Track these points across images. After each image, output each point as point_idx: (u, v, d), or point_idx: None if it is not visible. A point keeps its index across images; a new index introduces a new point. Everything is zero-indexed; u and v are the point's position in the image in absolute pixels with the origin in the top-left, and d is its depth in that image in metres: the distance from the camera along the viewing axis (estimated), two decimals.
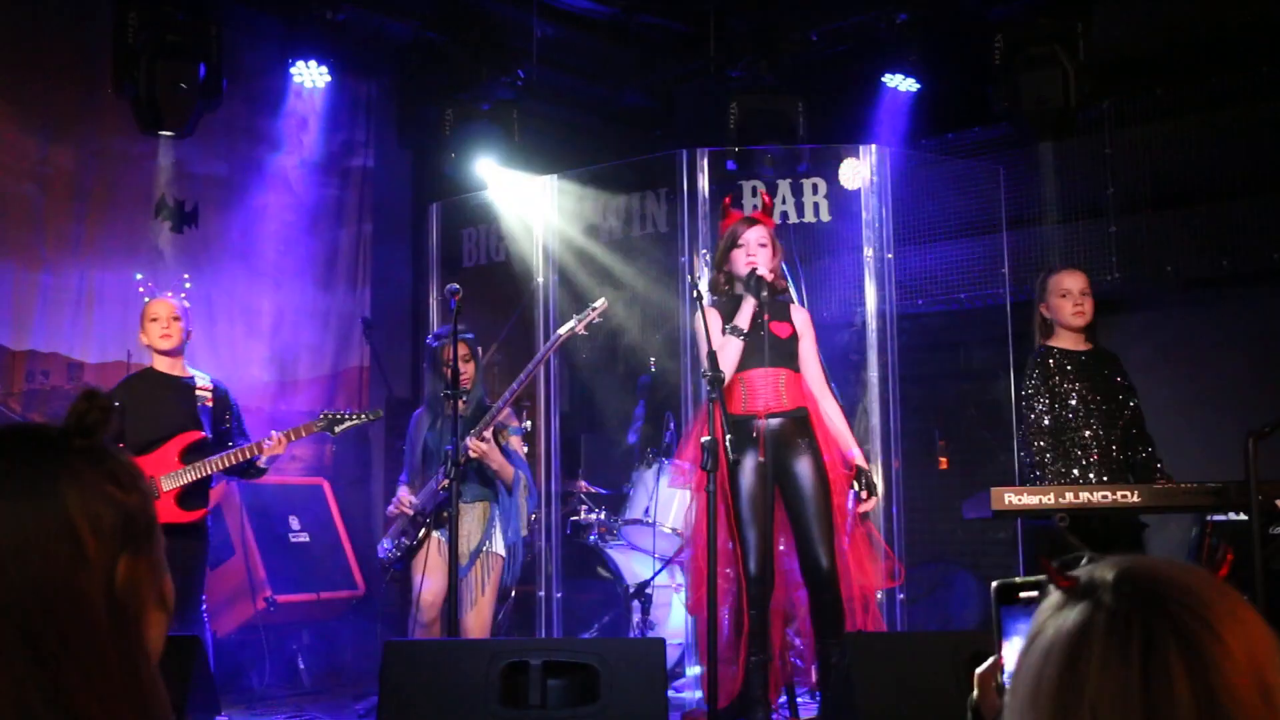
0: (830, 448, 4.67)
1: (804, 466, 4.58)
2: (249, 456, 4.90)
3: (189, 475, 4.84)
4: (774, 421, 4.59)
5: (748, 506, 4.51)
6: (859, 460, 4.69)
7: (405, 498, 5.25)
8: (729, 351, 4.57)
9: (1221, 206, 6.21)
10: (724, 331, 4.61)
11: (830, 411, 4.75)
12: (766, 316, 4.63)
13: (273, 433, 4.96)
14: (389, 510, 5.38)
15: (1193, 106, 6.36)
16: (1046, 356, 4.97)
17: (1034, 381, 4.94)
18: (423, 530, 5.20)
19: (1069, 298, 4.96)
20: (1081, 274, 5.08)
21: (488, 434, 5.02)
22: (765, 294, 4.57)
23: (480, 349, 5.38)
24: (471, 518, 5.16)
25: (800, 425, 4.64)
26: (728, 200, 5.15)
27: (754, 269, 4.60)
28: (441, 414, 5.17)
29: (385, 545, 5.33)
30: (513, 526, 5.18)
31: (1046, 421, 4.91)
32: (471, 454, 4.97)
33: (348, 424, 5.08)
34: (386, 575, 5.38)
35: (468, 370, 5.13)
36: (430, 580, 5.12)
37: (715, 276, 4.81)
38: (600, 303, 5.01)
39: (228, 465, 4.88)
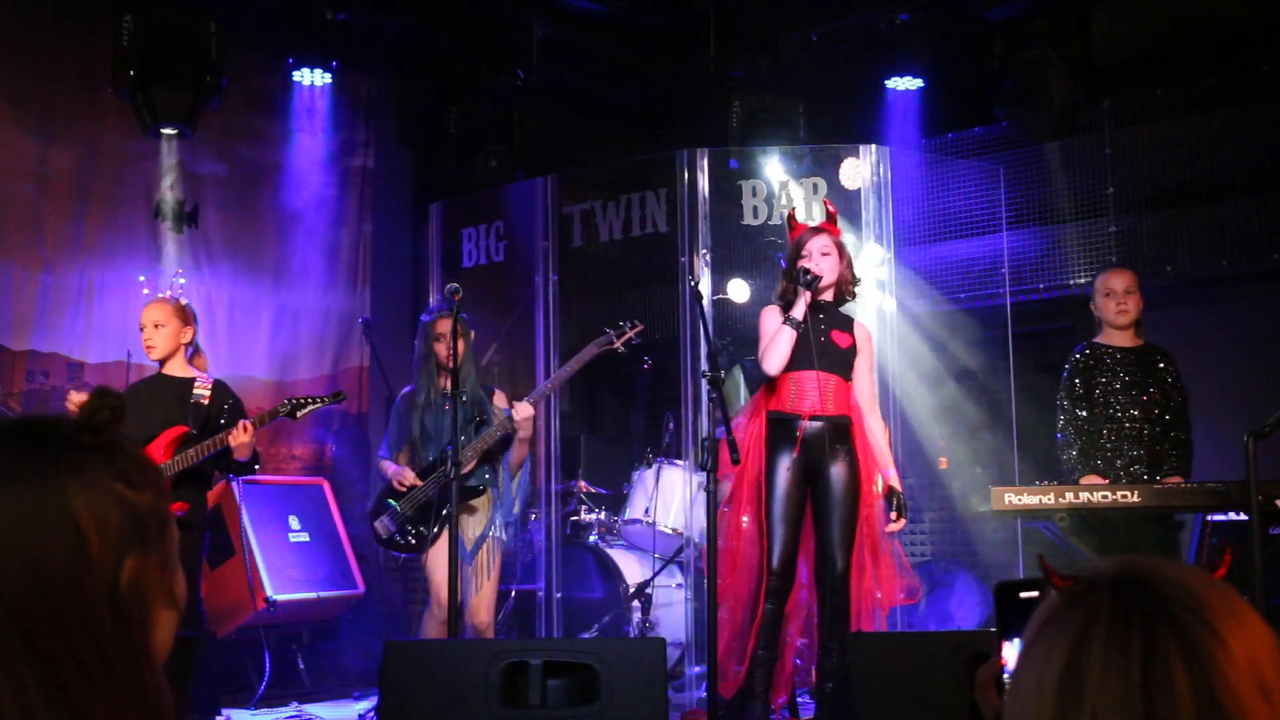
0: (868, 460, 4.71)
1: (838, 471, 4.62)
2: (219, 447, 4.86)
3: (170, 470, 4.83)
4: (815, 424, 4.62)
5: (780, 503, 4.56)
6: (894, 481, 4.73)
7: (409, 479, 5.26)
8: (782, 341, 4.61)
9: (1221, 206, 6.21)
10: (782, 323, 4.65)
11: (874, 427, 4.79)
12: (825, 325, 4.68)
13: (240, 421, 4.93)
14: (393, 481, 5.29)
15: (1193, 106, 6.35)
16: (1083, 350, 5.18)
17: (1066, 376, 5.17)
18: (436, 522, 5.21)
19: (1112, 297, 5.15)
20: (1127, 273, 5.24)
21: (529, 407, 5.18)
22: (815, 284, 4.62)
23: (473, 331, 5.40)
24: (476, 504, 5.26)
25: (841, 432, 4.67)
26: (792, 212, 5.21)
27: (804, 268, 4.65)
28: (432, 388, 5.26)
29: (387, 524, 5.32)
30: (505, 507, 5.29)
31: (1072, 410, 5.15)
32: (516, 416, 5.17)
33: (310, 408, 5.07)
34: (390, 548, 5.39)
35: (459, 347, 5.13)
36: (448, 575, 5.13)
37: (786, 287, 4.79)
38: (637, 325, 5.25)
39: (201, 456, 4.84)
